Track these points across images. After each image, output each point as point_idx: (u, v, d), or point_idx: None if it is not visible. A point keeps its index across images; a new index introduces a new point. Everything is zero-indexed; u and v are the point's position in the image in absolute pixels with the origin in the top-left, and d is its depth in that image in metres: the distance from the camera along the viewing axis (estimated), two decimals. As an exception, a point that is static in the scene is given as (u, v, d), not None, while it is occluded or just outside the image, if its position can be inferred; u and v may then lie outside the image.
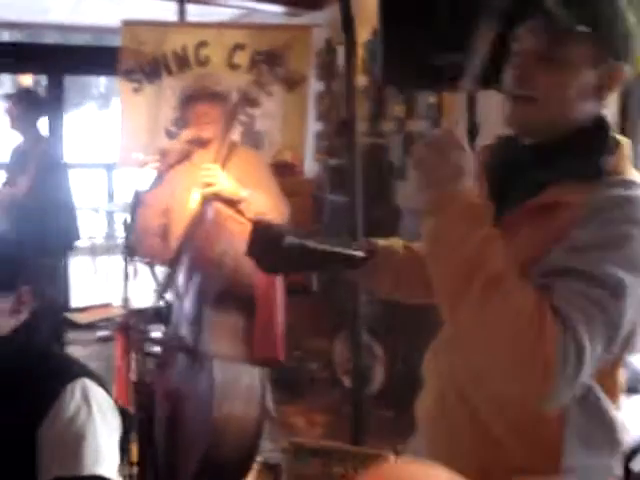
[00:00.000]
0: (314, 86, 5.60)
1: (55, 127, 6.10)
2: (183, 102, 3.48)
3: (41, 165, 4.41)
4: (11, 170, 4.79)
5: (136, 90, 5.72)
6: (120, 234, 6.86)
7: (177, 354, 2.99)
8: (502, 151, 1.46)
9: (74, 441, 1.68)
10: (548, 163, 1.32)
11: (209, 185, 3.18)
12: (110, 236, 9.80)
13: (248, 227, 1.60)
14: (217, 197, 3.18)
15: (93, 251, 8.60)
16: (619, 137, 1.36)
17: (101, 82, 16.31)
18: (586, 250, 1.19)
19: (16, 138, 4.86)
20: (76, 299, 6.44)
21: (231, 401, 2.74)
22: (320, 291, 4.97)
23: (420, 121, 4.37)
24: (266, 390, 3.13)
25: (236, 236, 2.88)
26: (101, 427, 1.72)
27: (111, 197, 9.78)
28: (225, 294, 2.84)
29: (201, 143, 3.46)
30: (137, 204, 3.10)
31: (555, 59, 1.28)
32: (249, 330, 2.96)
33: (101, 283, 3.30)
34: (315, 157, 5.78)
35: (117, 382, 3.19)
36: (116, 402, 1.86)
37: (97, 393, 1.78)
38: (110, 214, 10.08)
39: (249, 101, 3.33)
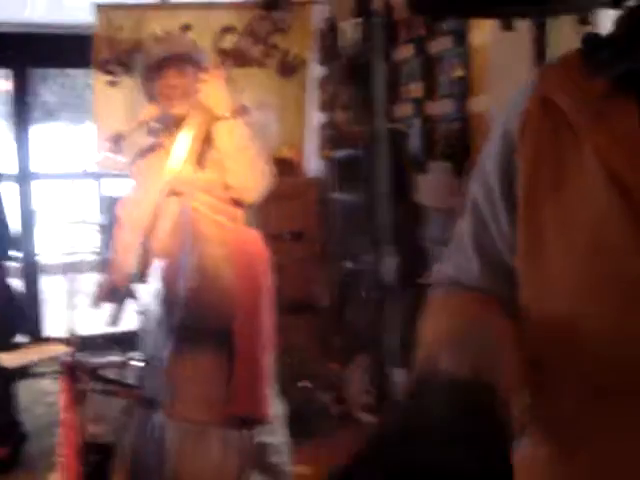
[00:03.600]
0: (315, 71, 4.96)
1: (19, 132, 5.30)
2: (145, 77, 2.74)
3: None
4: None
5: (112, 83, 5.10)
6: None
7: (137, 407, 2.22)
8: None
9: None
10: None
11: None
12: (98, 252, 9.06)
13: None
14: (174, 191, 2.43)
15: (76, 270, 7.80)
16: None
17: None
18: None
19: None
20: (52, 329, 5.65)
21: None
22: (330, 308, 4.26)
23: (443, 101, 3.59)
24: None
25: (211, 242, 2.13)
26: None
27: (102, 209, 9.07)
28: (193, 324, 2.05)
29: (174, 123, 2.72)
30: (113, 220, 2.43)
31: None
32: (222, 377, 2.18)
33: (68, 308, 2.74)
34: (320, 154, 5.02)
35: (64, 443, 2.41)
36: None
37: None
38: (103, 227, 9.40)
39: (237, 57, 2.57)
